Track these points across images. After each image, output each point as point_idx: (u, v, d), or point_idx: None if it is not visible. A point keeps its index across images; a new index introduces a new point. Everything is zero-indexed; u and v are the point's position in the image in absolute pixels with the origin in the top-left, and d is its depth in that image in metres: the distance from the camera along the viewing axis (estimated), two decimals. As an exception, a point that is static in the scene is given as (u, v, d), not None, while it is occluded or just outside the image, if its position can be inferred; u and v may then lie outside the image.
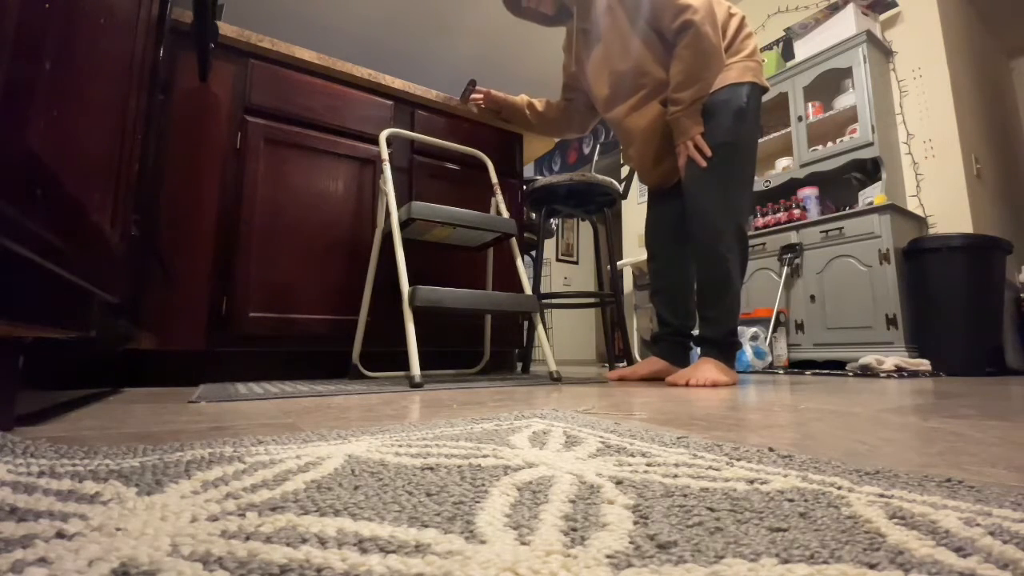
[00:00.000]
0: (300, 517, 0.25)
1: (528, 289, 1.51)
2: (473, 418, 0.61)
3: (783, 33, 3.10)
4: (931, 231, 2.48)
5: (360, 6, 3.67)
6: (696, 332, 1.54)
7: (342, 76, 1.64)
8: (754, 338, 2.51)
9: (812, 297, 2.53)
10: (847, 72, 2.60)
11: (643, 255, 3.82)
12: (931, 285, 2.22)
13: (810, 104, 2.76)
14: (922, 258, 2.25)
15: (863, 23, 2.60)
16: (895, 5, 2.64)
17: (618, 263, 4.01)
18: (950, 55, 2.50)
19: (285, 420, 0.64)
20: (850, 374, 2.05)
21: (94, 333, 0.62)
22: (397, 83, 1.72)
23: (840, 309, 2.43)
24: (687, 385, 1.26)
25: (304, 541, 0.22)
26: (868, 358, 2.07)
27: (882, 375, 1.95)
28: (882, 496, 0.28)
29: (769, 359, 2.47)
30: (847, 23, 2.60)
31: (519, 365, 1.99)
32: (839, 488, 0.30)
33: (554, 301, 2.39)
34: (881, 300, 2.28)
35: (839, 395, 1.02)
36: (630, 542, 0.22)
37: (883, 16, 2.70)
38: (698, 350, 1.50)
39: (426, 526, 0.24)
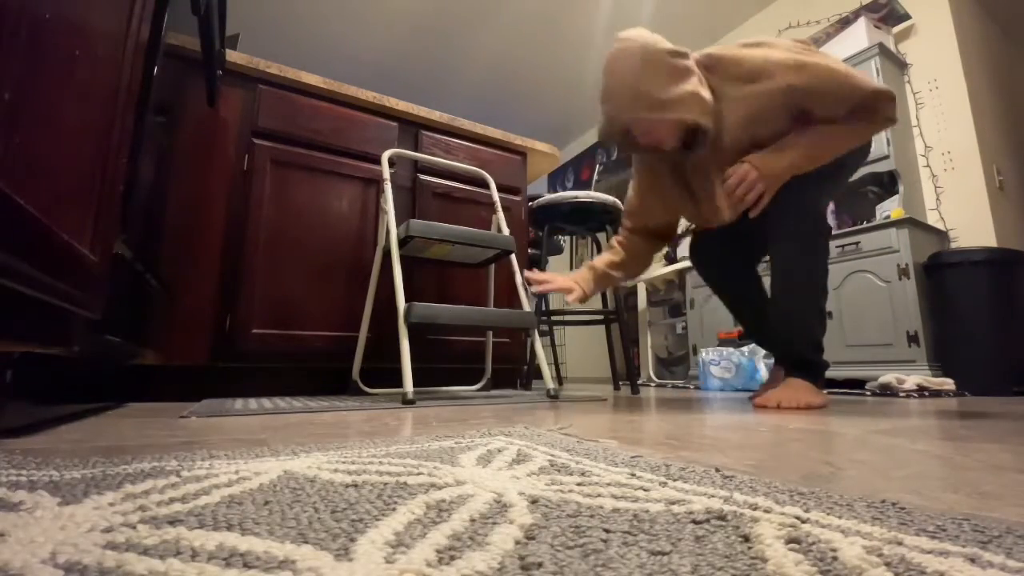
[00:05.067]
0: (191, 531, 0.25)
1: (527, 306, 1.50)
2: (438, 435, 0.60)
3: (794, 48, 3.08)
4: (953, 245, 2.40)
5: (373, 34, 3.79)
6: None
7: (348, 99, 1.69)
8: (769, 356, 2.44)
9: (829, 313, 2.46)
10: (860, 85, 2.56)
11: (656, 271, 3.78)
12: (954, 301, 2.13)
13: (823, 118, 2.72)
14: (943, 273, 2.17)
15: (875, 36, 2.56)
16: (908, 17, 2.61)
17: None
18: (967, 65, 2.44)
19: (258, 436, 0.65)
20: (868, 393, 1.97)
21: (77, 349, 0.64)
22: (401, 105, 1.76)
23: (859, 326, 2.35)
24: (778, 408, 1.11)
25: (178, 554, 0.22)
26: (888, 377, 1.99)
27: (902, 395, 1.87)
28: (797, 519, 0.27)
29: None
30: (859, 37, 2.57)
31: (518, 382, 1.98)
32: (755, 509, 0.28)
33: (557, 318, 2.38)
34: (901, 317, 2.20)
35: (840, 415, 0.98)
36: (497, 563, 0.21)
37: (896, 29, 2.66)
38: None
39: (307, 542, 0.24)
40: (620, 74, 1.11)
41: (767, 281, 1.34)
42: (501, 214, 1.65)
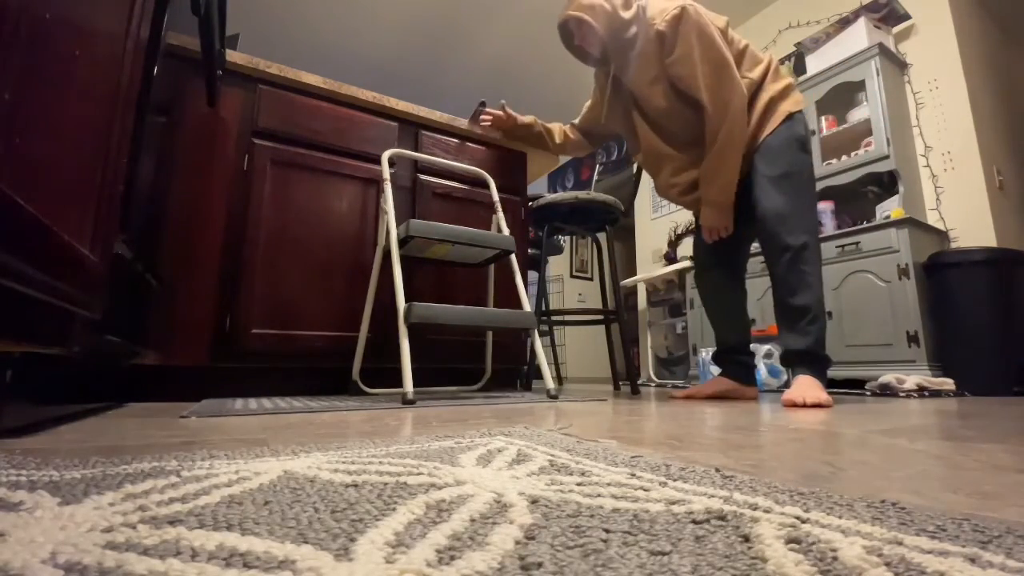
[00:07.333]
0: (191, 531, 0.25)
1: (527, 305, 1.50)
2: (437, 435, 0.60)
3: (794, 48, 3.08)
4: (953, 245, 2.40)
5: (374, 34, 3.79)
6: (773, 349, 1.57)
7: (348, 99, 1.69)
8: (768, 356, 2.44)
9: (829, 313, 2.46)
10: (860, 85, 2.56)
11: (656, 271, 3.79)
12: (953, 301, 2.13)
13: (823, 118, 2.72)
14: (943, 273, 2.17)
15: (875, 36, 2.56)
16: (908, 17, 2.61)
17: (631, 279, 3.99)
18: (967, 65, 2.44)
19: (258, 436, 0.65)
20: (868, 393, 1.98)
21: (77, 349, 0.64)
22: (401, 105, 1.76)
23: (858, 326, 2.35)
24: (804, 405, 1.19)
25: (178, 554, 0.22)
26: (888, 377, 2.00)
27: (902, 395, 1.87)
28: (797, 519, 0.27)
29: (784, 377, 2.40)
30: (859, 37, 2.57)
31: (518, 382, 1.98)
32: (755, 509, 0.28)
33: (557, 318, 2.38)
34: (901, 317, 2.20)
35: (840, 415, 0.98)
36: (497, 563, 0.21)
37: (896, 29, 2.67)
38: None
39: (307, 542, 0.24)
40: None
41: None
42: (501, 214, 1.65)
